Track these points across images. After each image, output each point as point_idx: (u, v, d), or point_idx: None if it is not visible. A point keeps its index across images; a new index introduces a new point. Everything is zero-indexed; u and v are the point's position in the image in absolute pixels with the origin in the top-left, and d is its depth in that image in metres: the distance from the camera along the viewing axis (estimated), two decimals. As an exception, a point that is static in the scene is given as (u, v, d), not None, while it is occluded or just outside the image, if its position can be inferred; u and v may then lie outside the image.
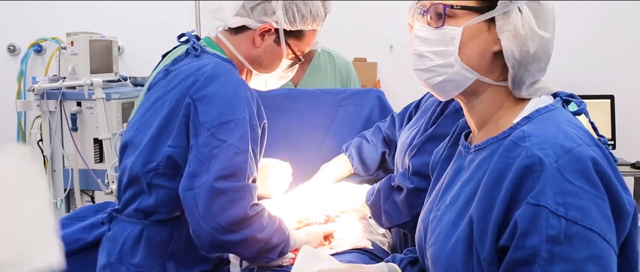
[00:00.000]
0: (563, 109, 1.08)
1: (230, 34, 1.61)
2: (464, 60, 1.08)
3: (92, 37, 3.14)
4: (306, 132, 2.08)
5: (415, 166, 1.59)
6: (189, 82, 1.47)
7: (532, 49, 1.05)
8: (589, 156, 0.95)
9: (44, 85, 3.00)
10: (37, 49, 3.60)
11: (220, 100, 1.43)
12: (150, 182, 1.50)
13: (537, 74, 1.09)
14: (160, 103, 1.51)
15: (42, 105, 3.02)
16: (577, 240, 0.92)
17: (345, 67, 2.77)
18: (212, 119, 1.41)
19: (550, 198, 0.93)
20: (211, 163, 1.38)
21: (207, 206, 1.36)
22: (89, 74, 3.07)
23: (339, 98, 2.17)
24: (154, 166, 1.49)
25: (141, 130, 1.54)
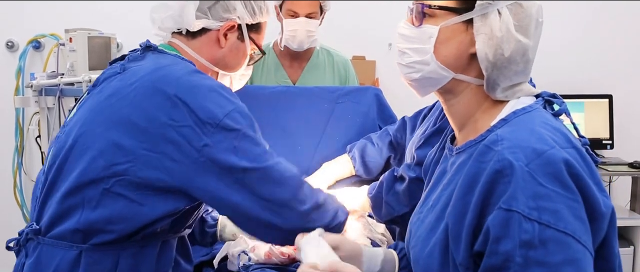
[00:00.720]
0: (542, 110, 1.08)
1: (188, 39, 1.49)
2: (440, 59, 1.11)
3: (91, 33, 3.13)
4: (304, 129, 2.08)
5: (419, 157, 1.61)
6: (158, 75, 1.33)
7: (507, 52, 1.05)
8: (561, 159, 0.94)
9: (42, 81, 3.00)
10: (35, 45, 3.60)
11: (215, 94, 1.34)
12: (110, 189, 1.27)
13: (514, 77, 1.08)
14: (118, 98, 1.33)
15: (41, 102, 3.01)
16: (552, 244, 0.91)
17: (343, 65, 2.77)
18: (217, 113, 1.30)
19: (522, 202, 0.92)
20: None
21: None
22: (88, 70, 3.06)
23: (337, 95, 2.17)
24: (122, 169, 1.27)
25: (94, 128, 1.31)
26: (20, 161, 3.53)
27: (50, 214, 1.31)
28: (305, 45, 2.58)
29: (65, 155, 1.32)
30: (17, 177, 3.55)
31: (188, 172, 1.27)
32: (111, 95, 1.34)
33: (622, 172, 3.31)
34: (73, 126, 1.35)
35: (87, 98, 1.41)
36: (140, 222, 1.30)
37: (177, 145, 1.26)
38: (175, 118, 1.27)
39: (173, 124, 1.27)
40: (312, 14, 2.54)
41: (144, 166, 1.26)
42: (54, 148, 1.37)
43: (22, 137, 3.55)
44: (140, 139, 1.27)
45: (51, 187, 1.33)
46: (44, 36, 3.59)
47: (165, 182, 1.27)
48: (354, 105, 2.13)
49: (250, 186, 1.30)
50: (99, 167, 1.27)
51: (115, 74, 1.40)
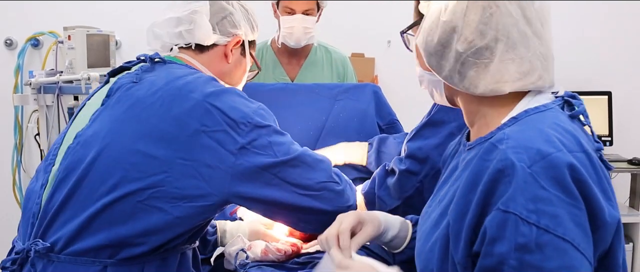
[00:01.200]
0: (557, 110, 1.05)
1: (196, 54, 1.52)
2: (425, 67, 1.15)
3: (90, 31, 3.13)
4: (303, 126, 2.08)
5: (410, 149, 1.62)
6: (181, 83, 1.33)
7: (435, 38, 1.07)
8: (565, 163, 0.92)
9: (41, 79, 2.99)
10: (34, 43, 3.59)
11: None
12: (145, 202, 1.24)
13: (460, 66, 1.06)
14: (142, 107, 1.30)
15: (39, 100, 3.01)
16: (549, 249, 0.89)
17: (341, 62, 2.77)
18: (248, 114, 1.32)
19: (520, 205, 0.91)
20: None
21: None
22: (86, 68, 3.06)
23: (335, 92, 2.17)
24: (158, 180, 1.24)
25: (120, 141, 1.27)
26: (20, 159, 3.53)
27: (70, 230, 1.25)
28: (302, 42, 2.59)
29: (87, 168, 1.26)
30: (16, 175, 3.55)
31: (225, 177, 1.27)
32: (133, 105, 1.31)
33: (621, 169, 3.31)
34: (91, 139, 1.30)
35: (101, 110, 1.36)
36: (174, 234, 1.29)
37: (212, 151, 1.26)
38: (208, 123, 1.27)
39: (206, 129, 1.27)
40: (308, 10, 2.54)
41: (181, 175, 1.25)
42: (67, 161, 1.30)
43: (21, 135, 3.55)
44: (174, 148, 1.25)
45: (65, 202, 1.26)
46: (43, 34, 3.58)
47: (202, 189, 1.26)
48: (353, 103, 2.13)
49: (289, 178, 1.34)
50: (132, 180, 1.24)
51: (130, 84, 1.37)
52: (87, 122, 1.37)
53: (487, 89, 1.05)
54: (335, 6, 3.06)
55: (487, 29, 1.03)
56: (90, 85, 2.91)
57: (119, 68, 1.54)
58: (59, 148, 1.39)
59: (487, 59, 1.03)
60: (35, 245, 1.26)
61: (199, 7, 1.49)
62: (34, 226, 1.30)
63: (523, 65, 1.04)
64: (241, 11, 1.56)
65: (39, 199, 1.32)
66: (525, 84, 1.05)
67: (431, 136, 1.60)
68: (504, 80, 1.04)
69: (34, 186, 1.38)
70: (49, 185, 1.32)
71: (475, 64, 1.04)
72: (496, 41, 1.03)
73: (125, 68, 1.53)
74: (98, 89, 1.51)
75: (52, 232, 1.27)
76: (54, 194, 1.29)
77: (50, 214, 1.27)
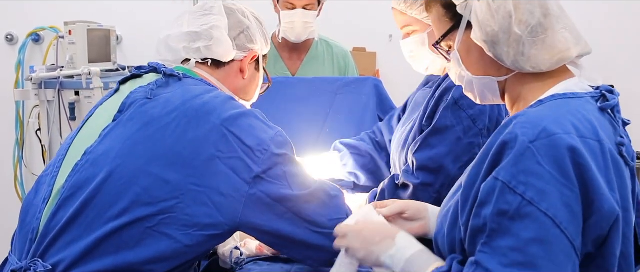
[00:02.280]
0: (587, 100, 1.07)
1: (212, 69, 1.47)
2: (476, 73, 1.16)
3: (90, 26, 3.12)
4: (304, 120, 2.08)
5: (420, 161, 1.59)
6: (198, 103, 1.28)
7: (496, 26, 1.08)
8: (567, 145, 0.95)
9: (42, 74, 2.99)
10: (35, 38, 3.59)
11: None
12: (154, 228, 1.20)
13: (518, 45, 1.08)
14: (156, 128, 1.25)
15: (40, 95, 3.01)
16: (529, 220, 0.93)
17: (343, 56, 2.76)
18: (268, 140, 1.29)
19: (511, 174, 0.95)
20: None
21: None
22: (87, 63, 3.05)
23: (337, 86, 2.17)
24: (169, 206, 1.19)
25: (133, 162, 1.22)
26: (21, 155, 3.53)
27: (74, 253, 1.18)
28: (303, 37, 2.58)
29: (96, 189, 1.20)
30: (18, 171, 3.55)
31: (237, 206, 1.24)
32: (147, 124, 1.26)
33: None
34: (101, 158, 1.24)
35: (113, 126, 1.30)
36: (182, 261, 1.24)
37: (226, 178, 1.22)
38: (223, 149, 1.23)
39: (221, 155, 1.23)
40: (309, 5, 2.54)
41: (192, 202, 1.20)
42: (74, 179, 1.24)
43: (23, 130, 3.55)
44: (187, 173, 1.20)
45: (70, 222, 1.20)
46: (44, 29, 3.58)
47: (213, 218, 1.22)
48: (354, 96, 2.13)
49: (302, 213, 1.30)
50: (142, 205, 1.19)
51: (144, 100, 1.31)
52: (96, 137, 1.30)
53: (554, 62, 1.09)
54: (337, 0, 3.06)
55: (534, 8, 1.08)
56: (91, 80, 2.91)
57: (129, 76, 1.47)
58: (63, 160, 1.33)
59: (542, 34, 1.08)
60: (35, 265, 1.19)
61: (217, 22, 1.45)
62: (32, 242, 1.23)
63: (573, 31, 1.11)
64: (256, 24, 1.53)
65: (39, 214, 1.26)
66: (582, 47, 1.11)
67: (439, 144, 1.58)
68: (566, 47, 1.09)
69: (33, 199, 1.32)
70: (53, 201, 1.25)
71: (535, 43, 1.08)
72: (545, 16, 1.08)
73: (136, 76, 1.46)
74: (108, 96, 1.45)
75: (53, 252, 1.20)
76: (58, 212, 1.22)
77: (52, 233, 1.21)
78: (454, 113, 1.55)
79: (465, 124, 1.55)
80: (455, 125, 1.56)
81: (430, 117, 1.61)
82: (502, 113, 1.59)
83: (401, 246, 1.15)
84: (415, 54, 1.69)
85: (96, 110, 1.43)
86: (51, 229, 1.21)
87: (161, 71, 1.39)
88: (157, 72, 1.41)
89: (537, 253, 0.93)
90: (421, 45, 1.67)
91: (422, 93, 1.78)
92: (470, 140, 1.56)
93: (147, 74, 1.44)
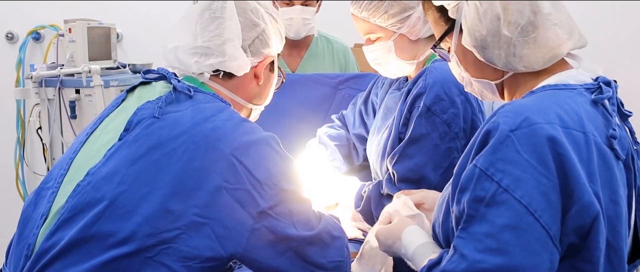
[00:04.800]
0: (579, 92, 1.07)
1: (224, 80, 1.39)
2: (474, 74, 1.18)
3: (90, 24, 3.12)
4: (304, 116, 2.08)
5: (401, 173, 1.59)
6: (207, 128, 1.22)
7: (484, 31, 1.09)
8: (546, 134, 0.96)
9: (42, 72, 2.99)
10: (35, 36, 3.59)
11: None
12: (154, 258, 1.15)
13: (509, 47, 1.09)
14: (163, 152, 1.19)
15: (41, 93, 3.01)
16: (503, 207, 0.95)
17: (343, 52, 2.76)
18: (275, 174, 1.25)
19: (488, 162, 0.97)
20: None
21: None
22: (88, 61, 3.05)
23: (337, 82, 2.17)
24: (170, 237, 1.15)
25: (137, 188, 1.17)
26: (22, 153, 3.53)
27: None
28: (302, 33, 2.57)
29: (98, 215, 1.16)
30: (19, 169, 3.56)
31: (241, 240, 1.20)
32: (153, 148, 1.20)
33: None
34: (105, 180, 1.19)
35: (118, 145, 1.24)
36: None
37: (231, 210, 1.18)
38: (231, 180, 1.18)
39: (228, 186, 1.17)
40: (307, 1, 2.53)
41: (195, 234, 1.16)
42: (74, 201, 1.19)
43: (24, 129, 3.55)
44: (191, 204, 1.16)
45: (69, 246, 1.15)
46: (44, 27, 3.58)
47: (215, 251, 1.18)
48: (355, 92, 2.13)
49: (304, 255, 1.27)
50: (144, 235, 1.14)
51: (151, 119, 1.24)
52: (101, 156, 1.24)
53: (546, 59, 1.10)
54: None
55: (523, 6, 1.08)
56: (91, 78, 2.91)
57: (138, 83, 1.41)
58: (65, 175, 1.27)
59: (533, 33, 1.08)
60: None
61: (229, 33, 1.35)
62: (27, 258, 1.19)
63: (565, 26, 1.10)
64: (271, 23, 1.43)
65: (36, 230, 1.22)
66: (575, 41, 1.11)
67: (417, 153, 1.57)
68: (557, 44, 1.09)
69: (32, 212, 1.27)
70: (51, 220, 1.21)
71: (526, 42, 1.08)
72: (534, 14, 1.08)
73: (145, 82, 1.39)
74: (115, 105, 1.39)
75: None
76: (56, 233, 1.18)
77: (49, 255, 1.16)
78: (428, 120, 1.55)
79: (441, 129, 1.55)
80: (431, 133, 1.55)
81: (405, 125, 1.61)
82: (476, 112, 1.58)
83: (406, 243, 1.20)
84: (381, 61, 1.68)
85: (101, 124, 1.36)
86: (48, 250, 1.17)
87: (170, 81, 1.33)
88: (167, 80, 1.34)
89: (509, 240, 0.94)
90: (387, 52, 1.65)
91: (391, 97, 1.77)
92: (447, 145, 1.55)
93: (157, 81, 1.38)
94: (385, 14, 1.59)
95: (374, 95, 1.91)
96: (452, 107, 1.54)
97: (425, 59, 1.68)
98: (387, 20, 1.60)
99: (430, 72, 1.58)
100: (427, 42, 1.65)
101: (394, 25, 1.61)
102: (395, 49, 1.63)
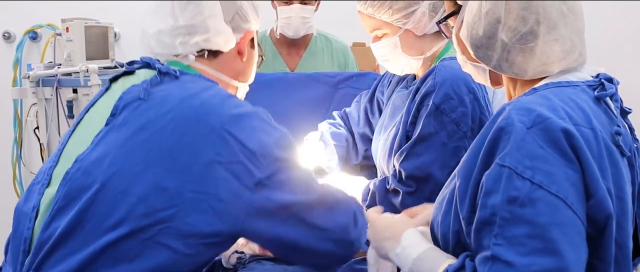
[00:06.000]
0: (582, 89, 1.07)
1: (209, 60, 1.37)
2: (470, 58, 1.17)
3: (88, 23, 3.10)
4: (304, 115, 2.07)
5: (408, 171, 1.59)
6: (195, 103, 1.20)
7: (480, 31, 1.07)
8: (561, 127, 0.95)
9: (40, 72, 2.97)
10: (32, 36, 3.57)
11: None
12: (153, 239, 1.13)
13: (505, 53, 1.08)
14: (152, 131, 1.18)
15: (38, 93, 2.99)
16: (541, 204, 0.92)
17: (342, 51, 2.75)
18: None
19: (516, 160, 0.94)
20: None
21: None
22: (85, 60, 3.03)
23: (337, 81, 2.17)
24: (167, 215, 1.12)
25: (128, 168, 1.15)
26: (19, 153, 3.52)
27: (71, 267, 1.12)
28: (301, 32, 2.57)
29: (90, 199, 1.14)
30: (17, 169, 3.54)
31: (239, 213, 1.17)
32: (142, 128, 1.18)
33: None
34: (94, 166, 1.17)
35: (106, 131, 1.22)
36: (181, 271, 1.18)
37: (227, 183, 1.15)
38: (223, 153, 1.15)
39: (221, 159, 1.15)
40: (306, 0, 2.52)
41: (192, 210, 1.13)
42: (66, 188, 1.17)
43: (21, 128, 3.53)
44: (185, 179, 1.13)
45: (66, 234, 1.14)
46: (41, 27, 3.56)
47: (214, 226, 1.15)
48: (354, 91, 2.12)
49: (307, 219, 1.24)
50: (139, 216, 1.12)
51: (137, 101, 1.23)
52: (88, 143, 1.22)
53: (536, 72, 1.08)
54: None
55: (528, 14, 1.05)
56: (88, 77, 2.90)
57: (121, 73, 1.38)
58: (54, 167, 1.26)
59: (532, 43, 1.06)
60: None
61: (211, 10, 1.33)
62: (25, 253, 1.18)
63: (565, 44, 1.08)
64: None
65: (30, 224, 1.20)
66: (569, 62, 1.09)
67: (425, 152, 1.57)
68: (550, 61, 1.07)
69: (23, 207, 1.26)
70: (45, 211, 1.19)
71: (522, 50, 1.07)
72: (538, 24, 1.05)
73: (128, 72, 1.37)
74: (99, 95, 1.37)
75: (49, 265, 1.15)
76: (52, 223, 1.16)
77: (47, 246, 1.15)
78: (437, 119, 1.55)
79: (449, 128, 1.55)
80: (439, 131, 1.55)
81: (413, 123, 1.60)
82: (485, 112, 1.58)
83: (406, 245, 1.14)
84: (389, 57, 1.68)
85: (87, 114, 1.34)
86: (46, 241, 1.15)
87: (155, 67, 1.30)
88: (151, 68, 1.32)
89: (555, 237, 0.90)
90: (393, 49, 1.65)
91: (398, 95, 1.76)
92: (455, 144, 1.55)
93: (140, 70, 1.35)
94: (390, 9, 1.60)
95: (379, 94, 1.91)
96: (461, 106, 1.54)
97: (433, 56, 1.68)
98: (392, 15, 1.60)
99: (439, 71, 1.58)
100: (433, 38, 1.66)
101: (399, 20, 1.61)
102: (402, 44, 1.63)
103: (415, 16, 1.60)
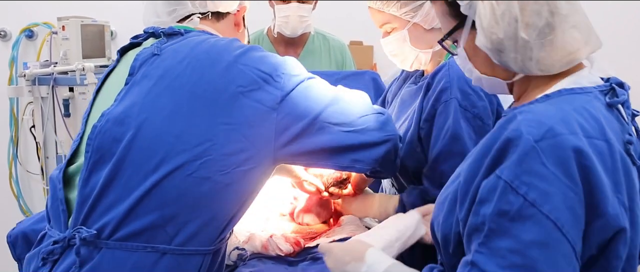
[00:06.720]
0: (594, 96, 1.04)
1: (213, 22, 1.51)
2: (484, 72, 1.13)
3: (84, 21, 3.10)
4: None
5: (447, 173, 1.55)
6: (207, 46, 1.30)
7: (501, 34, 1.04)
8: (572, 146, 0.92)
9: (36, 70, 2.97)
10: (28, 34, 3.56)
11: None
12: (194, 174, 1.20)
13: (526, 51, 1.04)
14: (172, 77, 1.25)
15: (34, 91, 2.99)
16: (529, 222, 0.91)
17: (340, 50, 2.74)
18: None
19: (514, 174, 0.92)
20: None
21: None
22: (81, 59, 3.03)
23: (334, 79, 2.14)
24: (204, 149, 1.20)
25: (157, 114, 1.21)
26: (15, 152, 3.50)
27: (118, 215, 1.18)
28: (298, 31, 2.56)
29: (126, 147, 1.19)
30: (13, 168, 3.53)
31: (270, 134, 1.25)
32: (162, 77, 1.25)
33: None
34: (123, 116, 1.22)
35: (127, 88, 1.28)
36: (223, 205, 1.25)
37: (252, 110, 1.24)
38: (243, 83, 1.24)
39: (243, 90, 1.24)
40: None
41: (226, 141, 1.21)
42: (97, 142, 1.22)
43: (17, 127, 3.52)
44: (214, 113, 1.22)
45: (106, 185, 1.19)
46: (37, 25, 3.55)
47: (248, 152, 1.23)
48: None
49: (331, 119, 1.31)
50: (178, 153, 1.18)
51: (152, 57, 1.31)
52: (112, 101, 1.28)
53: (563, 63, 1.05)
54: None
55: (541, 6, 1.03)
56: (85, 76, 2.89)
57: (128, 45, 1.45)
58: (82, 134, 1.32)
59: (550, 35, 1.03)
60: (79, 232, 1.18)
61: None
62: (65, 213, 1.24)
63: (582, 29, 1.06)
64: None
65: (60, 184, 1.28)
66: (592, 46, 1.07)
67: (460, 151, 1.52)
68: (575, 48, 1.05)
69: (54, 174, 1.33)
70: (78, 168, 1.25)
71: (543, 44, 1.03)
72: (552, 15, 1.03)
73: (135, 44, 1.44)
74: (112, 67, 1.43)
75: (95, 217, 1.20)
76: (90, 177, 1.21)
77: (90, 200, 1.20)
78: (463, 116, 1.54)
79: (474, 124, 1.54)
80: (466, 128, 1.53)
81: (428, 120, 1.58)
82: (500, 103, 1.58)
83: (371, 262, 1.16)
84: (398, 52, 1.68)
85: (103, 84, 1.41)
86: (88, 196, 1.20)
87: (160, 34, 1.38)
88: (156, 37, 1.40)
89: (537, 256, 0.90)
90: (402, 42, 1.65)
91: (407, 90, 1.75)
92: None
93: (146, 40, 1.43)
94: (398, 3, 1.61)
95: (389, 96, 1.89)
96: (480, 100, 1.54)
97: (442, 51, 1.66)
98: (400, 9, 1.62)
99: (451, 67, 1.57)
100: (442, 32, 1.65)
101: (407, 13, 1.62)
102: (410, 38, 1.64)
103: (423, 10, 1.61)
